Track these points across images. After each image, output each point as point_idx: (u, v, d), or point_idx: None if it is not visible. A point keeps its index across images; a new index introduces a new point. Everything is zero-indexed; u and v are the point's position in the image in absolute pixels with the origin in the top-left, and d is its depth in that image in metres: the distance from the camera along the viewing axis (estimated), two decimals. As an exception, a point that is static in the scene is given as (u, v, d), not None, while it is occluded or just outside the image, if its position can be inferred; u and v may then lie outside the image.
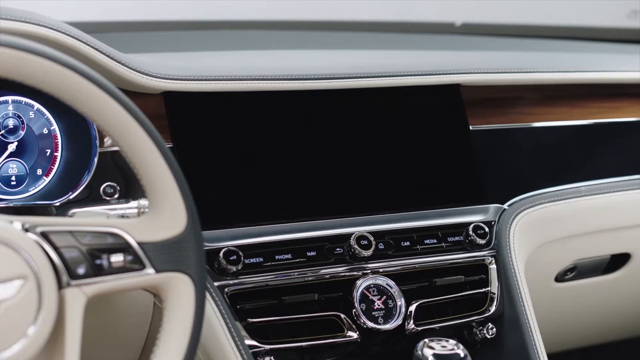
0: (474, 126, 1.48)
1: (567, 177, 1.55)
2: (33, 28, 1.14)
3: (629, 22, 2.27)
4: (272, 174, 1.32)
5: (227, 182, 1.29)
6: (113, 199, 1.20)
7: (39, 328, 0.82)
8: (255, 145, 1.32)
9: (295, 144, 1.34)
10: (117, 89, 0.89)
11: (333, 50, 1.77)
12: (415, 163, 1.40)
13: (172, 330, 0.89)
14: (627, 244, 1.65)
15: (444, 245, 1.36)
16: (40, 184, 1.23)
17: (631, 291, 1.75)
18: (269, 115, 1.34)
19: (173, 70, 1.28)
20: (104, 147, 1.23)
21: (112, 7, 1.82)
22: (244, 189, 1.29)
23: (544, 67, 1.56)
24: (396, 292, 1.27)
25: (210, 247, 1.20)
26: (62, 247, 0.85)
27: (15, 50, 0.83)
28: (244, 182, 1.29)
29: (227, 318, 1.17)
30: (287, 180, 1.32)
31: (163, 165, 0.90)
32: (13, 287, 0.82)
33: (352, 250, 1.28)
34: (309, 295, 1.25)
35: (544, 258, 1.51)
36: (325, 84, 1.37)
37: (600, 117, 1.63)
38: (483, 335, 1.33)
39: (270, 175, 1.31)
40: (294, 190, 1.32)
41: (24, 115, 1.24)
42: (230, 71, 1.32)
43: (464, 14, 2.13)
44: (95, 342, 1.06)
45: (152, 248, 0.88)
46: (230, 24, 1.95)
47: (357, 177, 1.36)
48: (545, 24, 2.21)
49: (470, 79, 1.48)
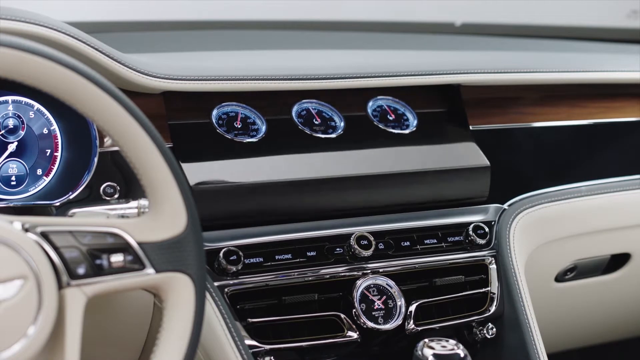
0: (474, 126, 1.48)
1: (567, 177, 1.55)
2: (33, 28, 1.14)
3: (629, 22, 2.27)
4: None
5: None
6: (113, 199, 1.20)
7: (39, 328, 0.82)
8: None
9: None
10: (117, 89, 0.89)
11: (333, 50, 1.77)
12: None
13: (172, 330, 0.89)
14: (627, 244, 1.65)
15: (444, 245, 1.36)
16: (40, 184, 1.23)
17: (631, 291, 1.75)
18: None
19: (173, 70, 1.28)
20: (104, 147, 1.23)
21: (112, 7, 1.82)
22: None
23: (544, 67, 1.56)
24: (396, 292, 1.27)
25: (210, 247, 1.20)
26: (62, 247, 0.85)
27: (15, 50, 0.83)
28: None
29: (227, 318, 1.17)
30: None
31: (163, 165, 0.90)
32: (13, 287, 0.82)
33: (352, 250, 1.28)
34: (309, 295, 1.25)
35: (544, 258, 1.51)
36: (325, 84, 1.37)
37: (600, 117, 1.63)
38: (483, 335, 1.33)
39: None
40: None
41: (24, 115, 1.24)
42: (230, 71, 1.32)
43: (464, 14, 2.13)
44: (95, 342, 1.06)
45: (152, 248, 0.88)
46: (230, 24, 1.95)
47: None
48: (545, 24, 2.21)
49: (470, 79, 1.48)
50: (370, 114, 1.42)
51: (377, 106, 1.43)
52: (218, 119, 1.32)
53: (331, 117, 1.39)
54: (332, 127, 1.38)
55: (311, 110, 1.39)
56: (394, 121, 1.43)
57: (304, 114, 1.38)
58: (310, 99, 1.39)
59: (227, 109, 1.34)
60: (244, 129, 1.33)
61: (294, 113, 1.37)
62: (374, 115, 1.42)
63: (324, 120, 1.39)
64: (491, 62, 1.57)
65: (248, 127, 1.33)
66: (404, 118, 1.44)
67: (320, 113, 1.39)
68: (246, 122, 1.34)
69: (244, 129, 1.33)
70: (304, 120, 1.37)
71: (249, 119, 1.34)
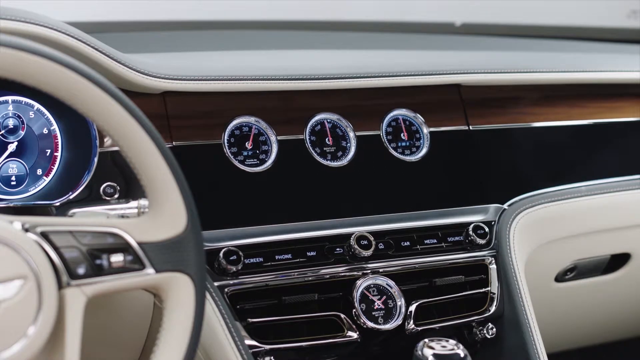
0: (474, 126, 1.48)
1: (567, 177, 1.55)
2: (33, 28, 1.14)
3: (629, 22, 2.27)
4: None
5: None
6: (113, 199, 1.20)
7: (39, 328, 0.82)
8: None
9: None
10: (117, 89, 0.89)
11: (333, 50, 1.77)
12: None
13: (172, 330, 0.89)
14: (627, 244, 1.65)
15: (444, 245, 1.36)
16: (40, 184, 1.23)
17: (631, 291, 1.75)
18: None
19: (173, 70, 1.28)
20: (104, 147, 1.23)
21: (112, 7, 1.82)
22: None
23: (544, 67, 1.56)
24: (396, 292, 1.27)
25: (210, 247, 1.20)
26: (62, 247, 0.85)
27: (15, 50, 0.83)
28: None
29: (227, 318, 1.17)
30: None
31: (163, 165, 0.90)
32: (13, 287, 0.82)
33: (352, 250, 1.28)
34: (309, 295, 1.25)
35: (544, 258, 1.51)
36: (325, 84, 1.37)
37: (600, 117, 1.63)
38: (483, 335, 1.33)
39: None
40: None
41: (24, 115, 1.24)
42: (230, 71, 1.32)
43: (464, 14, 2.13)
44: (95, 342, 1.06)
45: (152, 248, 0.88)
46: (230, 24, 1.95)
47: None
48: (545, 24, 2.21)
49: (470, 79, 1.48)
50: (384, 130, 1.41)
51: (392, 120, 1.42)
52: (230, 135, 1.31)
53: (344, 134, 1.38)
54: (342, 148, 1.37)
55: (326, 125, 1.38)
56: (407, 139, 1.42)
57: (318, 129, 1.37)
58: (326, 112, 1.38)
59: (240, 121, 1.32)
60: (254, 148, 1.32)
61: (307, 130, 1.36)
62: (388, 132, 1.41)
63: (336, 139, 1.37)
64: (491, 62, 1.58)
65: (259, 147, 1.32)
66: (416, 136, 1.43)
67: (334, 129, 1.38)
68: (258, 140, 1.33)
69: (255, 149, 1.32)
70: (317, 138, 1.36)
71: (262, 135, 1.33)
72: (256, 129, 1.33)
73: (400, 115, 1.42)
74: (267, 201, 1.30)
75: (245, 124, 1.33)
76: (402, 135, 1.41)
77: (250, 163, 1.31)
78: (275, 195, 1.30)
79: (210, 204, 1.25)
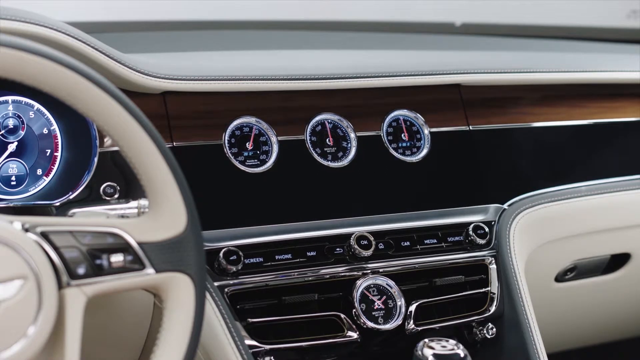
0: (474, 126, 1.48)
1: (567, 177, 1.55)
2: (33, 28, 1.14)
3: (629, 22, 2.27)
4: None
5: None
6: (113, 199, 1.20)
7: (39, 328, 0.82)
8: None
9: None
10: (117, 89, 0.89)
11: (333, 50, 1.77)
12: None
13: (172, 330, 0.89)
14: (627, 244, 1.65)
15: (444, 245, 1.36)
16: (40, 184, 1.23)
17: (631, 291, 1.75)
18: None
19: (173, 70, 1.28)
20: (104, 147, 1.23)
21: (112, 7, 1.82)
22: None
23: (544, 67, 1.56)
24: (396, 292, 1.27)
25: (210, 247, 1.20)
26: (62, 247, 0.85)
27: (15, 50, 0.83)
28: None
29: (227, 318, 1.17)
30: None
31: (163, 165, 0.90)
32: (13, 287, 0.82)
33: (352, 250, 1.28)
34: (309, 295, 1.25)
35: (544, 258, 1.51)
36: (325, 84, 1.37)
37: (600, 117, 1.63)
38: (483, 335, 1.33)
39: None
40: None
41: (24, 115, 1.24)
42: (230, 71, 1.32)
43: (464, 14, 2.13)
44: (95, 342, 1.06)
45: (152, 248, 0.88)
46: (230, 24, 1.95)
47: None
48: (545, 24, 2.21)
49: (470, 79, 1.48)
50: (385, 130, 1.41)
51: (392, 120, 1.42)
52: (231, 136, 1.31)
53: (345, 134, 1.38)
54: (343, 148, 1.37)
55: (326, 125, 1.38)
56: (408, 140, 1.42)
57: (318, 130, 1.37)
58: (327, 112, 1.38)
59: (241, 121, 1.32)
60: (255, 149, 1.32)
61: (308, 130, 1.36)
62: (388, 133, 1.41)
63: (337, 139, 1.37)
64: (491, 62, 1.57)
65: (260, 147, 1.32)
66: (417, 137, 1.43)
67: (335, 129, 1.38)
68: (258, 141, 1.33)
69: (255, 149, 1.32)
70: (317, 139, 1.36)
71: (263, 136, 1.33)
72: (257, 130, 1.33)
73: (401, 115, 1.42)
74: (268, 201, 1.30)
75: (246, 125, 1.33)
76: (402, 136, 1.41)
77: (251, 163, 1.31)
78: (276, 195, 1.30)
79: (211, 204, 1.25)
